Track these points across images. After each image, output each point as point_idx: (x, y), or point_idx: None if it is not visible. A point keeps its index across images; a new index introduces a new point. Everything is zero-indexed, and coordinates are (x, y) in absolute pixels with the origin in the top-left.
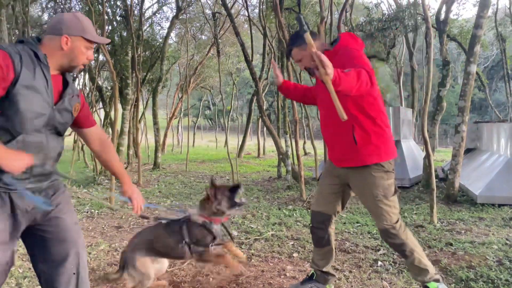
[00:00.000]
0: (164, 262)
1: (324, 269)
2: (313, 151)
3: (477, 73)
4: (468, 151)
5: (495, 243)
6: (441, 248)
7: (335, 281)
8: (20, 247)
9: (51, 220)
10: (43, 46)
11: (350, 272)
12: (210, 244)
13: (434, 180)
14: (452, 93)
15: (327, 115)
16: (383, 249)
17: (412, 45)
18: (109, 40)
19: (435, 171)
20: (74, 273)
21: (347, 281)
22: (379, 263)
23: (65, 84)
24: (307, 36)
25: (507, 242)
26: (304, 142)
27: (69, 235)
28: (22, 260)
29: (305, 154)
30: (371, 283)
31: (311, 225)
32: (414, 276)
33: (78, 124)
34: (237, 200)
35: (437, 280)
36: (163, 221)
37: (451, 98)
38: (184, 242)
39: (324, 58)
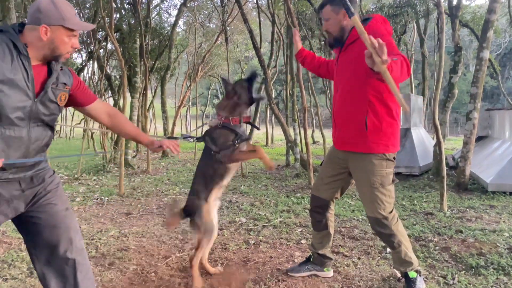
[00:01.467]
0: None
1: (320, 252)
2: (321, 139)
3: (489, 60)
4: (479, 139)
5: (506, 231)
6: (451, 235)
7: (333, 264)
8: None
9: (41, 207)
10: (24, 35)
11: (359, 258)
12: (235, 142)
13: (444, 167)
14: (463, 81)
15: (343, 95)
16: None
17: (423, 31)
18: (93, 26)
19: (446, 159)
20: (69, 258)
21: (356, 267)
22: (388, 250)
23: (50, 73)
24: (355, 20)
25: None
26: (313, 131)
27: (60, 221)
28: None
29: (314, 142)
30: (379, 269)
31: (310, 208)
32: (396, 266)
33: (78, 103)
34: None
35: (418, 272)
36: (190, 139)
37: (463, 86)
38: (212, 152)
39: (384, 47)
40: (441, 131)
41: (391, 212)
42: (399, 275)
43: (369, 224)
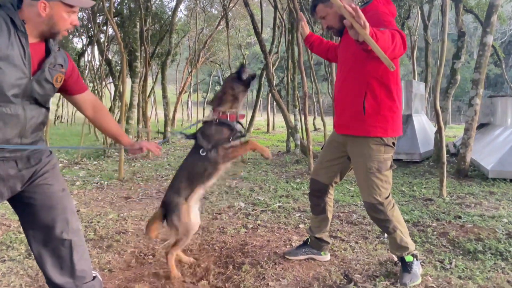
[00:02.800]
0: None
1: (317, 236)
2: (323, 126)
3: (493, 46)
4: (481, 126)
5: (505, 217)
6: (449, 221)
7: (330, 248)
8: None
9: (37, 187)
10: (22, 11)
11: (356, 243)
12: (231, 138)
13: (444, 153)
14: (467, 69)
15: (342, 78)
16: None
17: (427, 17)
18: (93, 3)
19: (447, 146)
20: (65, 239)
21: (353, 252)
22: (385, 235)
23: (48, 52)
24: None
25: None
26: (314, 118)
27: (56, 202)
28: None
29: (315, 129)
30: (376, 253)
31: (309, 192)
32: (392, 251)
33: (67, 91)
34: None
35: (414, 256)
36: (183, 137)
37: (466, 74)
38: (204, 149)
39: (359, 10)
40: (442, 117)
41: (387, 197)
42: (396, 259)
43: None
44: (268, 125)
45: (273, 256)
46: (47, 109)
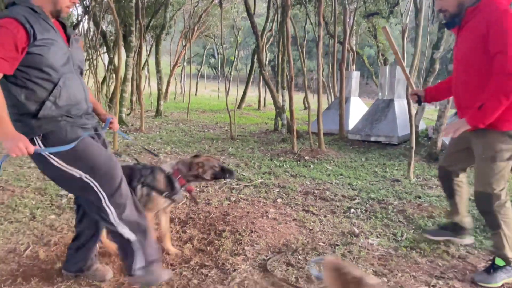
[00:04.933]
0: None
1: (452, 220)
2: (314, 105)
3: None
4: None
5: None
6: (409, 200)
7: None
8: (32, 182)
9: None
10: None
11: (325, 216)
12: (163, 193)
13: (413, 139)
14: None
15: (459, 70)
16: (358, 199)
17: (419, 2)
18: None
19: (426, 130)
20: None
21: (321, 224)
22: (352, 210)
23: (64, 27)
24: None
25: (470, 197)
26: (305, 96)
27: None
28: (34, 193)
29: (305, 108)
30: (341, 226)
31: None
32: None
33: None
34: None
35: (508, 262)
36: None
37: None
38: (139, 180)
39: (453, 131)
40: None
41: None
42: (357, 231)
43: (340, 187)
44: (259, 101)
45: (250, 225)
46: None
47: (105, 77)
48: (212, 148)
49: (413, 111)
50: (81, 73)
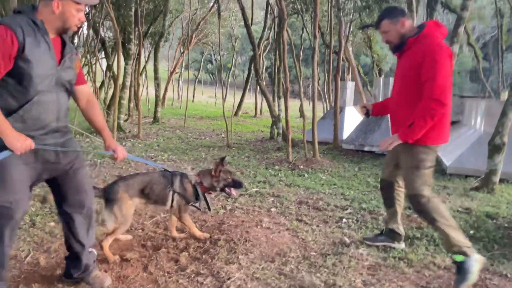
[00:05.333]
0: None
1: (389, 227)
2: (308, 113)
3: (472, 45)
4: (452, 123)
5: (448, 210)
6: None
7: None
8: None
9: (70, 171)
10: (39, 12)
11: (317, 226)
12: (191, 203)
13: None
14: (455, 61)
15: (396, 90)
16: (350, 209)
17: (415, 12)
18: (97, 1)
19: None
20: (87, 214)
21: (313, 233)
22: (344, 220)
23: (63, 45)
24: None
25: (459, 209)
26: (301, 105)
27: (84, 183)
28: (34, 201)
29: (301, 116)
30: (333, 236)
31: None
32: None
33: None
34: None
35: (465, 254)
36: (160, 168)
37: (454, 66)
38: (171, 187)
39: (387, 145)
40: None
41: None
42: (348, 241)
43: (333, 197)
44: (256, 109)
45: (245, 234)
46: (70, 98)
47: (103, 83)
48: (209, 156)
49: None
50: (68, 92)
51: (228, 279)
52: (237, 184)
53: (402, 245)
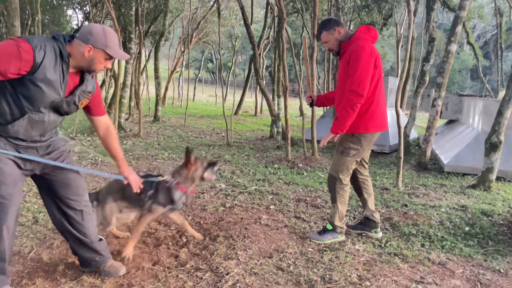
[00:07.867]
0: (130, 216)
1: (364, 215)
2: (309, 112)
3: (471, 44)
4: (450, 122)
5: (444, 207)
6: (396, 208)
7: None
8: (34, 187)
9: (56, 169)
10: (71, 46)
11: (315, 223)
12: (166, 206)
13: (402, 149)
14: (456, 59)
15: (337, 87)
16: (348, 206)
17: (414, 13)
18: (128, 56)
19: (418, 139)
20: (77, 210)
21: (311, 230)
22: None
23: (81, 81)
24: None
25: (455, 206)
26: (301, 104)
27: (71, 181)
28: (37, 198)
29: (301, 115)
30: None
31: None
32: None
33: (89, 111)
34: (209, 174)
35: (335, 229)
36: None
37: (455, 64)
38: (147, 194)
39: (323, 142)
40: (411, 114)
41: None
42: (345, 237)
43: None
44: (256, 108)
45: (244, 231)
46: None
47: (103, 82)
48: (209, 154)
49: (402, 123)
50: (62, 115)
51: (227, 274)
52: (212, 164)
53: (379, 234)
